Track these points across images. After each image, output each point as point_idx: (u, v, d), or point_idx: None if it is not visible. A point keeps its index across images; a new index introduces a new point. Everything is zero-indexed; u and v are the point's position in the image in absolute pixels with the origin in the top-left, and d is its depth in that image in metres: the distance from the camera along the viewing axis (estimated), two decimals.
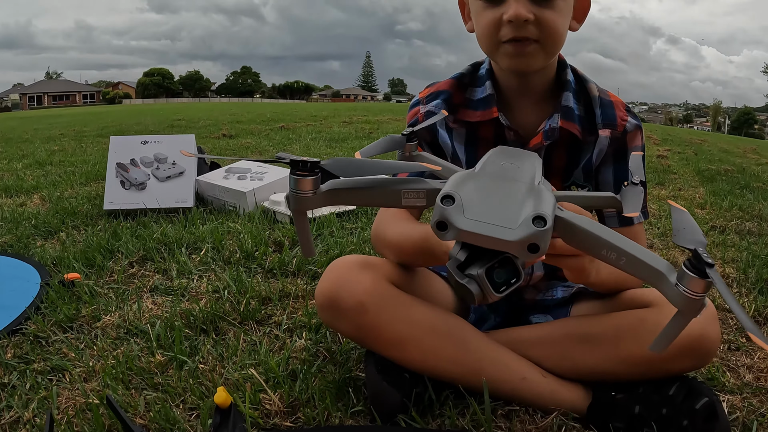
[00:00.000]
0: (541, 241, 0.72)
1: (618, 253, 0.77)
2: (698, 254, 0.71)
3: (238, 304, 1.69)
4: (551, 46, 1.19)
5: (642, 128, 1.33)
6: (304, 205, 0.85)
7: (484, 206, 0.76)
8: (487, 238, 0.73)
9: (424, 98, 1.38)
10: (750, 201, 3.92)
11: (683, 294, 0.71)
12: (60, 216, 2.91)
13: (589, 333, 1.20)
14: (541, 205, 0.76)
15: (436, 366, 1.18)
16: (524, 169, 0.89)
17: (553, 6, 1.14)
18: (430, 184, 0.85)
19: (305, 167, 0.82)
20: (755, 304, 1.83)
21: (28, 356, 1.43)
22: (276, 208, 2.81)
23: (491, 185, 0.81)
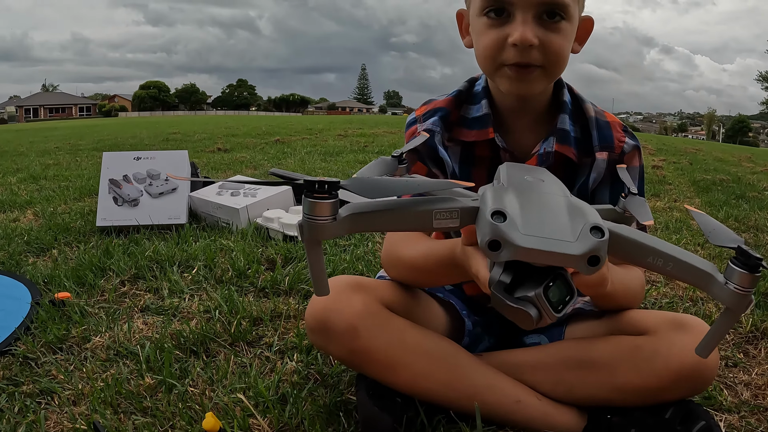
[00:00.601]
0: (602, 252, 0.71)
1: (665, 258, 0.76)
2: (744, 250, 0.72)
3: (229, 325, 1.68)
4: (554, 71, 1.18)
5: (640, 148, 1.33)
6: (320, 234, 0.74)
7: (535, 220, 0.72)
8: (549, 254, 0.69)
9: (420, 116, 1.36)
10: (746, 211, 3.94)
11: (734, 291, 0.72)
12: (53, 232, 2.90)
13: (585, 359, 1.19)
14: (590, 216, 0.74)
15: (428, 390, 1.17)
16: (549, 183, 0.87)
17: (559, 30, 1.13)
18: (463, 203, 0.77)
19: (322, 188, 0.71)
20: (752, 318, 1.82)
21: (17, 378, 1.42)
22: (269, 224, 2.80)
23: (530, 199, 0.78)
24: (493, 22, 1.14)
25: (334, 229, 0.73)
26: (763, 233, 3.25)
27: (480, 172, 1.34)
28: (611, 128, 1.29)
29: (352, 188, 0.73)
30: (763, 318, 1.82)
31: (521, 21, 1.10)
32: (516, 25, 1.11)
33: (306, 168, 5.85)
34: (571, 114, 1.29)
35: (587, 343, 1.22)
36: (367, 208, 0.76)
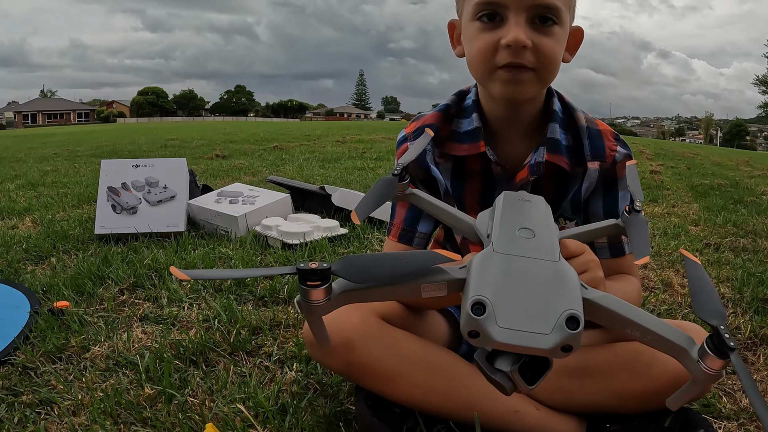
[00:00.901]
0: (575, 342, 0.72)
1: (642, 331, 0.78)
2: (720, 335, 0.72)
3: (228, 334, 1.68)
4: (546, 75, 1.18)
5: (632, 156, 1.33)
6: (317, 313, 0.79)
7: (515, 310, 0.74)
8: (522, 348, 0.72)
9: (410, 133, 1.37)
10: (744, 216, 3.94)
11: (703, 370, 0.73)
12: (51, 240, 2.90)
13: (584, 366, 1.19)
14: (570, 299, 0.75)
15: (426, 401, 1.17)
16: (540, 237, 0.88)
17: (551, 33, 1.14)
18: (450, 274, 0.81)
19: (314, 274, 0.76)
20: (751, 324, 1.83)
21: (16, 388, 1.42)
22: (268, 232, 2.80)
23: (515, 273, 0.79)
24: (486, 26, 1.16)
25: (329, 307, 0.79)
26: (761, 238, 3.26)
27: (473, 187, 1.35)
28: (603, 137, 1.30)
29: (341, 273, 0.77)
30: (761, 324, 1.83)
31: (514, 23, 1.12)
32: (509, 27, 1.12)
33: (304, 175, 5.86)
34: (563, 123, 1.30)
35: (586, 350, 1.22)
36: (357, 286, 0.80)
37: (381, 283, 0.80)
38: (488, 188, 1.34)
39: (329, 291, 0.78)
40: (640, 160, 9.44)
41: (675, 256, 2.72)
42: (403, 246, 1.40)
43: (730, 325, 1.85)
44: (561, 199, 1.32)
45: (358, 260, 0.80)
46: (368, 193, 1.08)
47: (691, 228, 3.53)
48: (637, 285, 1.31)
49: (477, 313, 0.72)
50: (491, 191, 1.33)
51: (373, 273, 0.79)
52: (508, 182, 1.30)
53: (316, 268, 0.75)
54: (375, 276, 0.79)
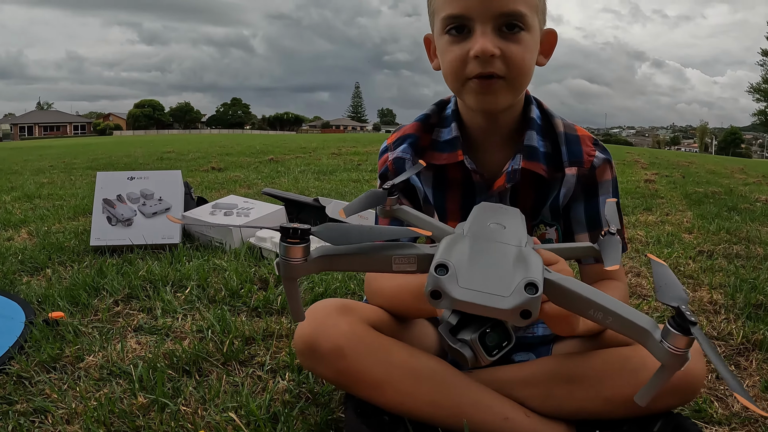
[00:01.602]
0: (533, 307, 0.75)
1: (604, 312, 0.80)
2: (681, 312, 0.74)
3: (221, 345, 1.69)
4: (518, 82, 1.20)
5: (611, 161, 1.35)
6: (294, 273, 0.85)
7: (476, 274, 0.78)
8: (481, 307, 0.75)
9: (391, 144, 1.40)
10: (737, 223, 3.97)
11: (668, 350, 0.75)
12: (47, 251, 2.91)
13: (573, 373, 1.20)
14: (531, 271, 0.79)
15: (415, 408, 1.18)
16: (510, 230, 0.92)
17: (519, 40, 1.16)
18: (420, 250, 0.86)
19: (296, 234, 0.82)
20: (743, 330, 1.85)
21: (11, 397, 1.43)
22: (262, 244, 2.82)
23: (481, 250, 0.83)
24: (455, 39, 1.18)
25: (306, 269, 0.85)
26: (755, 244, 3.28)
27: (453, 195, 1.37)
28: (581, 143, 1.32)
29: (320, 235, 0.83)
30: (754, 330, 1.85)
31: (481, 33, 1.14)
32: (476, 38, 1.15)
33: (300, 187, 5.88)
34: (541, 130, 1.32)
35: (575, 357, 1.24)
36: (334, 251, 0.86)
37: (353, 251, 0.86)
38: (468, 196, 1.36)
39: (307, 252, 0.84)
40: (635, 170, 9.48)
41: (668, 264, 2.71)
42: None
43: (722, 331, 1.87)
44: (541, 205, 1.34)
45: (337, 226, 0.85)
46: (359, 198, 1.12)
47: (685, 236, 3.56)
48: (621, 290, 1.33)
49: (440, 273, 0.76)
50: (471, 199, 1.35)
51: (348, 237, 0.84)
52: (488, 190, 1.32)
53: (297, 227, 0.81)
54: (350, 240, 0.85)
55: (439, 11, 1.21)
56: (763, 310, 2.07)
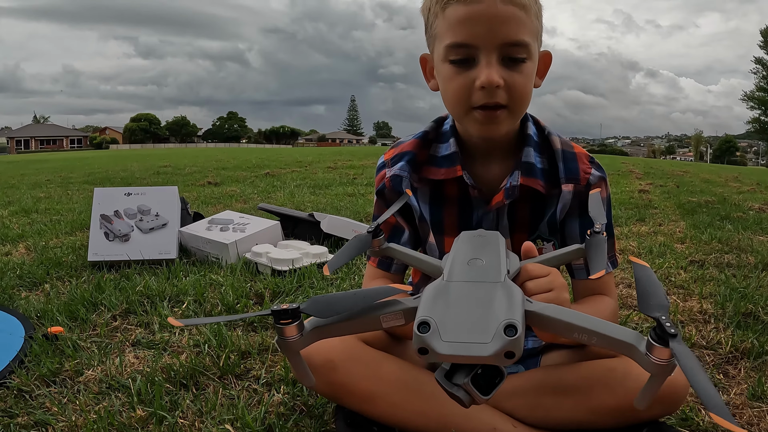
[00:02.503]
0: (516, 347, 0.78)
1: (588, 333, 0.83)
2: (661, 324, 0.76)
3: (218, 359, 1.73)
4: (519, 110, 1.24)
5: (606, 179, 1.38)
6: (293, 348, 0.90)
7: (457, 325, 0.81)
8: (465, 357, 0.78)
9: (389, 160, 1.42)
10: (730, 232, 4.00)
11: (653, 362, 0.77)
12: (45, 266, 2.95)
13: (560, 384, 1.22)
14: (511, 310, 0.82)
15: (405, 419, 1.22)
16: (489, 264, 0.96)
17: (522, 70, 1.19)
18: (405, 304, 0.90)
19: (287, 315, 0.87)
20: (732, 339, 1.87)
21: (12, 410, 1.46)
22: (258, 259, 2.86)
23: (460, 296, 0.87)
24: (459, 68, 1.21)
25: (303, 342, 0.90)
26: (746, 253, 3.31)
27: (451, 210, 1.40)
28: (577, 160, 1.35)
29: (309, 311, 0.88)
30: (743, 338, 1.87)
31: (486, 64, 1.17)
32: (481, 69, 1.17)
33: (295, 201, 5.91)
34: (538, 146, 1.35)
35: (562, 368, 1.26)
36: (326, 321, 0.91)
37: (344, 318, 0.90)
38: (466, 211, 1.39)
39: (301, 327, 0.89)
40: (630, 180, 9.51)
41: (659, 275, 2.78)
42: (382, 272, 1.47)
43: (711, 340, 1.90)
44: (538, 221, 1.37)
45: (323, 298, 0.90)
46: (343, 248, 1.17)
47: (677, 246, 3.58)
48: (610, 305, 1.35)
49: (422, 331, 0.80)
50: (469, 214, 1.38)
51: (335, 308, 0.89)
52: (485, 205, 1.36)
53: (287, 308, 0.86)
54: (338, 310, 0.89)
55: (442, 37, 1.23)
56: (752, 319, 2.10)
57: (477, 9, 1.17)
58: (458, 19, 1.19)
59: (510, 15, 1.17)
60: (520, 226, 1.38)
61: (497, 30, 1.16)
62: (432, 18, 1.27)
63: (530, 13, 1.20)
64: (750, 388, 1.55)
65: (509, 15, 1.16)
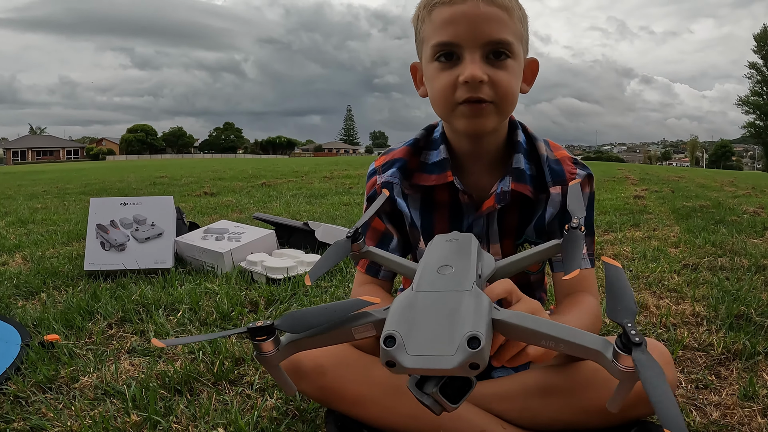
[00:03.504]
0: (480, 359, 0.79)
1: (555, 341, 0.84)
2: (626, 332, 0.76)
3: (212, 365, 1.74)
4: (505, 106, 1.26)
5: (592, 176, 1.41)
6: (272, 362, 0.93)
7: (422, 338, 0.82)
8: (430, 370, 0.80)
9: (380, 167, 1.45)
10: (724, 236, 4.02)
11: (619, 369, 0.78)
12: (41, 276, 2.96)
13: (547, 386, 1.24)
14: (476, 321, 0.83)
15: (394, 423, 1.23)
16: (459, 271, 0.97)
17: (505, 67, 1.22)
18: (375, 316, 0.93)
19: (262, 332, 0.90)
20: (724, 341, 1.89)
21: (8, 416, 1.48)
22: (253, 268, 2.88)
23: (427, 307, 0.88)
24: (444, 66, 1.24)
25: (281, 356, 0.93)
26: (740, 256, 3.34)
27: (441, 216, 1.42)
28: (562, 163, 1.38)
29: (283, 327, 0.91)
30: (734, 340, 1.89)
31: (470, 60, 1.20)
32: (465, 65, 1.20)
33: (291, 211, 5.93)
34: (526, 153, 1.38)
35: (549, 370, 1.27)
36: (300, 336, 0.94)
37: (317, 332, 0.93)
38: (456, 217, 1.41)
39: (277, 342, 0.92)
40: (625, 186, 9.55)
41: (652, 279, 2.82)
42: (369, 278, 1.49)
43: (703, 342, 1.92)
44: (525, 224, 1.40)
45: (297, 314, 0.92)
46: (322, 257, 1.17)
47: (671, 250, 3.61)
48: (591, 307, 1.35)
49: (389, 345, 0.82)
50: (459, 220, 1.41)
51: (308, 323, 0.92)
52: (475, 211, 1.38)
53: (261, 326, 0.89)
54: (311, 325, 0.92)
55: (428, 39, 1.26)
56: (745, 320, 2.12)
57: (460, 9, 1.20)
58: (443, 20, 1.22)
59: (492, 15, 1.20)
60: (509, 231, 1.41)
61: (480, 29, 1.20)
62: (420, 24, 1.31)
63: (513, 15, 1.23)
64: (741, 389, 1.57)
65: (491, 15, 1.20)
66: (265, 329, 0.90)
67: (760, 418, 1.42)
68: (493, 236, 1.40)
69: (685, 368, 1.73)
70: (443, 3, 1.23)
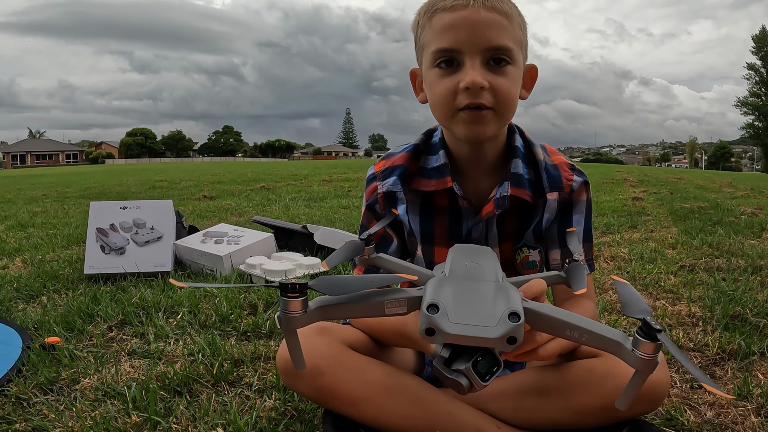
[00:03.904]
0: (518, 333, 0.84)
1: (579, 331, 0.89)
2: (647, 322, 0.84)
3: (211, 367, 1.76)
4: (504, 112, 1.27)
5: (588, 183, 1.44)
6: (294, 325, 0.91)
7: (463, 309, 0.87)
8: (472, 339, 0.84)
9: (380, 173, 1.46)
10: (721, 237, 4.04)
11: (639, 357, 0.84)
12: (41, 279, 2.98)
13: (542, 386, 1.26)
14: (511, 302, 0.88)
15: (390, 423, 1.25)
16: (486, 268, 1.02)
17: (506, 74, 1.24)
18: (409, 293, 0.95)
19: (294, 289, 0.89)
20: (720, 341, 1.91)
21: (10, 417, 1.50)
22: (252, 271, 2.90)
23: (464, 288, 0.93)
24: (445, 72, 1.25)
25: (306, 320, 0.91)
26: (737, 257, 3.36)
27: (441, 221, 1.44)
28: (559, 169, 1.40)
29: (317, 288, 0.90)
30: (730, 340, 1.91)
31: (470, 66, 1.22)
32: (466, 71, 1.22)
33: (290, 214, 5.95)
34: (525, 158, 1.39)
35: (544, 370, 1.29)
36: (332, 301, 0.93)
37: (350, 299, 0.93)
38: (456, 222, 1.43)
39: (305, 305, 0.90)
40: (624, 188, 9.57)
41: (649, 280, 2.84)
42: None
43: (698, 343, 1.94)
44: (524, 229, 1.42)
45: (332, 278, 0.92)
46: (339, 249, 1.23)
47: (668, 251, 3.63)
48: (590, 307, 1.39)
49: (431, 312, 0.85)
50: (459, 225, 1.42)
51: (344, 288, 0.92)
52: (475, 215, 1.40)
53: (295, 282, 0.88)
54: (346, 290, 0.92)
55: (429, 45, 1.28)
56: (740, 321, 2.14)
57: (461, 15, 1.22)
58: (444, 26, 1.24)
59: (492, 21, 1.22)
60: (508, 235, 1.43)
61: (480, 35, 1.21)
62: (420, 30, 1.33)
63: (513, 21, 1.25)
64: (736, 388, 1.59)
65: (492, 21, 1.22)
66: (297, 287, 0.89)
67: (753, 416, 1.44)
68: (492, 240, 1.42)
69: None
70: (444, 9, 1.24)
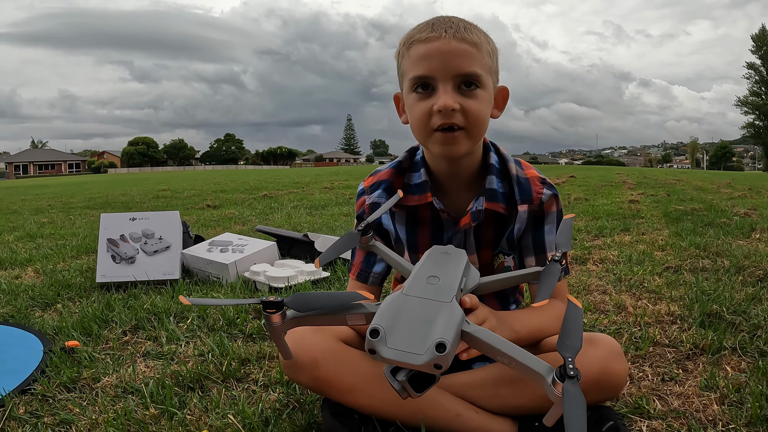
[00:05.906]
0: (443, 361, 0.99)
1: (508, 359, 1.03)
2: (566, 365, 0.95)
3: (220, 365, 1.91)
4: (475, 131, 1.41)
5: (558, 195, 1.57)
6: (278, 331, 1.15)
7: (401, 336, 1.02)
8: (402, 363, 1.00)
9: (368, 188, 1.61)
10: (710, 238, 4.14)
11: (554, 394, 0.95)
12: (55, 288, 3.13)
13: (515, 376, 1.39)
14: (447, 330, 1.02)
15: (381, 408, 1.40)
16: (444, 283, 1.17)
17: (476, 96, 1.38)
18: (366, 309, 1.14)
19: (273, 305, 1.10)
20: (694, 337, 2.03)
21: (38, 412, 1.64)
22: (256, 278, 3.05)
23: (412, 309, 1.08)
24: (421, 96, 1.40)
25: (285, 327, 1.15)
26: (722, 258, 3.47)
27: (424, 231, 1.59)
28: (530, 183, 1.53)
29: (290, 304, 1.12)
30: (703, 336, 2.03)
31: (443, 91, 1.36)
32: (439, 95, 1.36)
33: (292, 223, 6.07)
34: (499, 173, 1.54)
35: None
36: (303, 314, 1.14)
37: (317, 313, 1.14)
38: (438, 232, 1.57)
39: (284, 316, 1.12)
40: (621, 191, 9.66)
41: (633, 281, 2.97)
42: (360, 284, 1.66)
43: (674, 339, 2.07)
44: (500, 237, 1.56)
45: (303, 296, 1.14)
46: (333, 244, 1.37)
47: (657, 253, 3.74)
48: (558, 312, 1.47)
49: (373, 336, 1.01)
50: (440, 234, 1.57)
51: (311, 305, 1.13)
52: (455, 226, 1.54)
53: (273, 301, 1.10)
54: (313, 307, 1.13)
55: (407, 72, 1.43)
56: (716, 318, 2.26)
57: (434, 46, 1.37)
58: (419, 56, 1.39)
59: (462, 51, 1.36)
60: (485, 244, 1.57)
61: (451, 63, 1.36)
62: (401, 59, 1.48)
63: (481, 50, 1.39)
64: (703, 380, 1.70)
65: (461, 51, 1.36)
66: (275, 304, 1.10)
67: (716, 405, 1.56)
68: (470, 248, 1.56)
69: (653, 363, 1.87)
70: (419, 41, 1.39)
